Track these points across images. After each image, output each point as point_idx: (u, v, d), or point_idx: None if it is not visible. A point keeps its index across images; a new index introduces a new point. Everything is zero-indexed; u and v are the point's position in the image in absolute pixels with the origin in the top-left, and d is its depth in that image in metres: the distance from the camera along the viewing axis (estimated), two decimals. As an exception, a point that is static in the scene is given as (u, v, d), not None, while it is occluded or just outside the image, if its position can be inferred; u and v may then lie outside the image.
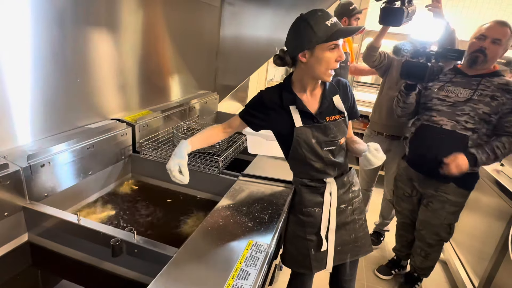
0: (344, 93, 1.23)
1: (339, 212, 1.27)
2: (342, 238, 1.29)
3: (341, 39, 1.05)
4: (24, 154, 1.04)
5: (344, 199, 1.28)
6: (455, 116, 1.59)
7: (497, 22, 1.55)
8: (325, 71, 1.08)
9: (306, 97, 1.18)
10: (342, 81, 1.25)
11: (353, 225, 1.31)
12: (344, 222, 1.29)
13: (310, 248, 1.27)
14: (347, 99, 1.23)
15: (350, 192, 1.30)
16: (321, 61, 1.06)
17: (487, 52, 1.54)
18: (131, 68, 1.57)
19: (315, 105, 1.18)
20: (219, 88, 2.50)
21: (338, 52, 1.06)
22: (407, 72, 1.56)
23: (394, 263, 2.19)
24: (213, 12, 2.20)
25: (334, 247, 1.28)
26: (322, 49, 1.05)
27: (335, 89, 1.21)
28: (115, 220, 1.26)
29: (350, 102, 1.25)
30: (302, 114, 1.16)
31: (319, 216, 1.25)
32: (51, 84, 1.17)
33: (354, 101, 1.27)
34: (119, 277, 1.02)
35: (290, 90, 1.17)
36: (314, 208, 1.25)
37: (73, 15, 1.19)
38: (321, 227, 1.25)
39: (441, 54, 1.53)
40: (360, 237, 1.33)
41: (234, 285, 0.77)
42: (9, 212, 1.00)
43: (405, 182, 1.87)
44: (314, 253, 1.27)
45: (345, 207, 1.29)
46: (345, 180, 1.28)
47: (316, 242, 1.27)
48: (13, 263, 1.04)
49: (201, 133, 1.20)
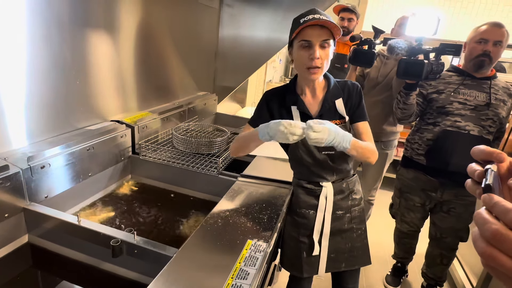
0: (348, 96, 1.19)
1: (335, 218, 1.25)
2: (337, 245, 1.27)
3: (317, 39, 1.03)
4: (24, 156, 1.05)
5: (342, 205, 1.26)
6: (480, 121, 1.56)
7: (494, 24, 1.55)
8: (303, 69, 1.08)
9: (308, 99, 1.18)
10: (350, 83, 1.21)
11: (350, 233, 1.29)
12: (341, 229, 1.27)
13: (302, 250, 1.26)
14: (350, 101, 1.19)
15: (349, 200, 1.28)
16: (297, 59, 1.09)
17: (491, 55, 1.54)
18: (130, 70, 1.58)
19: (316, 108, 1.18)
20: (218, 90, 2.51)
21: (309, 51, 1.05)
22: (404, 71, 1.52)
23: (400, 270, 2.16)
24: (211, 13, 2.21)
25: (328, 254, 1.26)
26: (297, 47, 1.07)
27: (339, 92, 1.18)
28: (115, 221, 1.26)
29: (354, 105, 1.20)
30: (302, 116, 1.16)
31: (313, 218, 1.24)
32: (51, 86, 1.18)
33: (359, 104, 1.20)
34: (119, 277, 1.02)
35: (293, 91, 1.18)
36: (308, 210, 1.25)
37: (71, 16, 1.20)
38: (314, 230, 1.24)
39: (438, 50, 1.52)
40: (357, 247, 1.30)
41: (234, 285, 0.78)
42: (9, 213, 1.01)
43: (416, 193, 1.78)
44: (306, 257, 1.26)
45: (342, 214, 1.26)
46: (344, 186, 1.26)
47: (308, 245, 1.26)
48: (14, 264, 1.05)
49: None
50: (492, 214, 0.32)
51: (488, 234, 0.31)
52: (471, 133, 1.56)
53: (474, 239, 0.33)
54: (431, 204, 1.77)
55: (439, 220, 1.78)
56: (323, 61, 1.07)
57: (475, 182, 0.40)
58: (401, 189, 1.87)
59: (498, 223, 0.31)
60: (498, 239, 0.30)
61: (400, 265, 2.16)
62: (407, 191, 1.83)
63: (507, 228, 0.30)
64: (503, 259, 0.30)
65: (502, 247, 0.30)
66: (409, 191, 1.82)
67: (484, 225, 0.32)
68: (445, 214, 1.74)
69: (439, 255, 1.86)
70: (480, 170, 0.39)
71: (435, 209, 1.79)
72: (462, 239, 1.77)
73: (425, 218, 1.88)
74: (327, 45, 1.06)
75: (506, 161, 0.39)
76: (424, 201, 1.78)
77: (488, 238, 0.31)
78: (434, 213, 1.81)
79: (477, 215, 0.33)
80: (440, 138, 1.62)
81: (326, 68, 1.10)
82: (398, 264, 2.16)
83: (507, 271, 0.30)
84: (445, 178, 1.66)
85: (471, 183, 0.40)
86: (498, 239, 0.30)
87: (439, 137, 1.62)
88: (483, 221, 0.32)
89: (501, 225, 0.31)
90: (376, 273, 2.24)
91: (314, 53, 1.04)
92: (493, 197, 0.33)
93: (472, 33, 1.61)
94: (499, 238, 0.30)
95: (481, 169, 0.40)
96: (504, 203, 0.31)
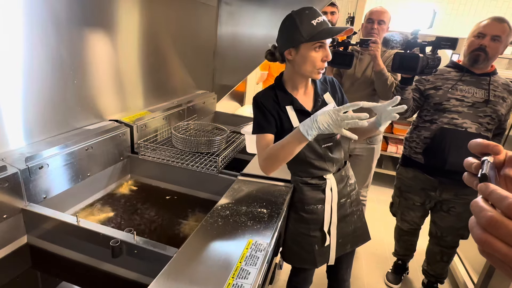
0: (333, 89, 1.26)
1: (339, 206, 1.30)
2: (342, 230, 1.32)
3: (329, 39, 1.06)
4: (22, 156, 1.04)
5: (344, 193, 1.31)
6: (478, 118, 1.54)
7: (495, 18, 1.53)
8: (312, 69, 1.09)
9: (300, 96, 1.19)
10: (328, 78, 1.27)
11: (351, 217, 1.35)
12: (344, 214, 1.32)
13: (314, 244, 1.29)
14: (336, 94, 1.26)
15: (348, 186, 1.33)
16: (307, 60, 1.07)
17: (487, 50, 1.52)
18: (128, 69, 1.57)
19: (309, 104, 1.20)
20: (217, 88, 2.50)
21: (324, 52, 1.06)
22: (399, 64, 1.49)
23: (401, 267, 2.16)
24: (210, 11, 2.20)
25: (336, 240, 1.31)
26: (308, 48, 1.06)
27: (325, 86, 1.24)
28: (115, 221, 1.26)
29: (339, 95, 1.27)
30: (298, 113, 1.16)
31: (322, 212, 1.27)
32: (48, 86, 1.17)
33: (343, 94, 1.29)
34: (119, 278, 1.02)
35: (284, 89, 1.17)
36: (316, 205, 1.27)
37: (68, 15, 1.19)
38: (324, 222, 1.27)
39: (434, 44, 1.49)
40: (359, 227, 1.38)
41: (235, 285, 0.77)
42: (8, 214, 1.00)
43: (416, 193, 1.77)
44: (319, 249, 1.29)
45: (344, 201, 1.32)
46: (343, 174, 1.31)
47: (320, 237, 1.29)
48: (13, 265, 1.04)
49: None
50: (489, 202, 0.33)
51: (483, 221, 0.32)
52: (468, 131, 1.54)
53: (470, 226, 0.34)
54: (431, 203, 1.77)
55: (439, 219, 1.78)
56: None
57: (472, 174, 0.41)
58: (400, 188, 1.86)
59: (493, 210, 0.32)
60: (494, 225, 0.31)
61: (401, 263, 2.15)
62: (407, 191, 1.82)
63: (502, 215, 0.31)
64: (499, 245, 0.31)
65: (497, 234, 0.31)
66: (409, 190, 1.81)
67: (480, 212, 0.32)
68: (445, 214, 1.73)
69: (440, 252, 1.86)
70: (477, 163, 0.40)
71: (435, 208, 1.78)
72: (463, 236, 1.77)
73: (425, 216, 1.87)
74: (327, 47, 1.09)
75: (502, 153, 0.40)
76: (424, 200, 1.77)
77: (484, 225, 0.32)
78: (435, 212, 1.80)
79: (474, 203, 0.34)
80: (437, 136, 1.60)
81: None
82: (399, 262, 2.16)
83: (502, 257, 0.31)
84: (443, 177, 1.65)
85: (468, 176, 0.41)
86: (493, 225, 0.31)
87: (436, 135, 1.60)
88: (479, 209, 0.33)
89: (496, 212, 0.31)
90: (377, 271, 2.24)
91: (329, 55, 1.07)
92: (489, 185, 0.33)
93: (474, 27, 1.60)
94: (494, 224, 0.31)
95: (478, 162, 0.40)
96: (500, 191, 0.32)
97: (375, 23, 1.94)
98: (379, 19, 1.93)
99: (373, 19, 1.95)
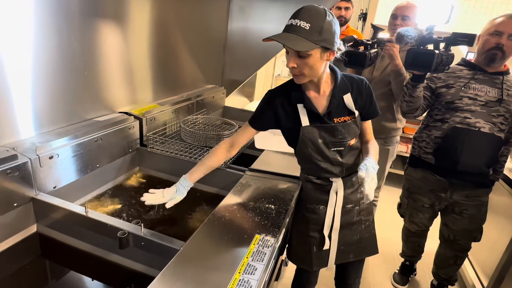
0: (358, 91, 1.15)
1: (344, 212, 1.24)
2: (346, 237, 1.26)
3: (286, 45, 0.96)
4: (32, 146, 1.05)
5: (351, 199, 1.24)
6: (491, 118, 1.50)
7: (511, 16, 1.47)
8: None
9: (315, 95, 1.13)
10: (357, 78, 1.16)
11: (358, 225, 1.28)
12: (350, 222, 1.26)
13: (312, 245, 1.25)
14: (360, 98, 1.15)
15: (358, 193, 1.25)
16: None
17: (504, 49, 1.46)
18: (139, 62, 1.57)
19: (323, 104, 1.13)
20: (226, 83, 2.49)
21: (288, 57, 1.01)
22: (412, 61, 1.43)
23: (408, 268, 2.12)
24: (221, 6, 2.18)
25: (337, 247, 1.25)
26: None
27: (346, 87, 1.13)
28: (123, 212, 1.26)
29: (365, 101, 1.16)
30: (309, 113, 1.12)
31: (323, 213, 1.23)
32: (59, 77, 1.17)
33: (371, 100, 1.17)
34: (126, 269, 1.02)
35: (298, 87, 1.13)
36: (318, 205, 1.23)
37: (80, 6, 1.19)
38: (325, 225, 1.22)
39: (450, 40, 1.42)
40: (365, 238, 1.30)
41: (241, 280, 0.77)
42: (18, 203, 1.01)
43: (425, 194, 1.72)
44: (316, 251, 1.26)
45: (351, 207, 1.25)
46: (354, 180, 1.24)
47: (319, 239, 1.25)
48: (22, 253, 1.05)
49: (201, 165, 1.15)
50: None
51: None
52: (481, 130, 1.49)
53: None
54: (441, 205, 1.72)
55: (451, 222, 1.73)
56: (302, 69, 1.01)
57: None
58: (409, 189, 1.82)
59: None
60: None
61: (408, 263, 2.12)
62: (416, 192, 1.77)
63: None
64: None
65: None
66: (418, 191, 1.76)
67: None
68: (457, 216, 1.68)
69: (453, 256, 1.81)
70: None
71: (446, 211, 1.74)
72: (475, 239, 1.72)
73: (434, 217, 1.83)
74: (305, 55, 0.97)
75: None
76: (433, 202, 1.72)
77: None
78: (446, 214, 1.75)
79: None
80: (449, 135, 1.54)
81: (312, 75, 1.04)
82: (406, 263, 2.13)
83: None
84: (454, 178, 1.60)
85: None
86: None
87: (447, 134, 1.55)
88: None
89: None
90: (384, 271, 2.21)
91: (288, 63, 1.01)
92: None
93: (487, 25, 1.54)
94: None
95: None
96: None
97: (398, 19, 1.89)
98: (403, 14, 1.87)
99: (397, 14, 1.90)
